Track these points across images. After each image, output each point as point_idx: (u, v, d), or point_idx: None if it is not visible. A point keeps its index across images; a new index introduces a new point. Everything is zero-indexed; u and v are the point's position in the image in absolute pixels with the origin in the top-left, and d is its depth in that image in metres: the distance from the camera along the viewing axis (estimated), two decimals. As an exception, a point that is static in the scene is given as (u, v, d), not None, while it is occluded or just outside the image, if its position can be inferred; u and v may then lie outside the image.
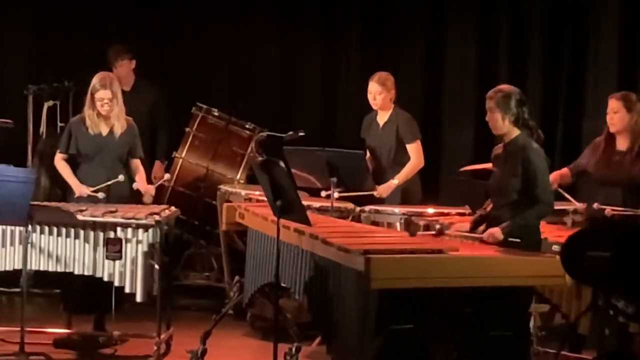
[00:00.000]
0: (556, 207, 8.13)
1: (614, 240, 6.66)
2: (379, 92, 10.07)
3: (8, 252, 8.64)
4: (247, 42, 11.63)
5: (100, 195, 9.18)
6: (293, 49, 11.84)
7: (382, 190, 9.89)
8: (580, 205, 9.06)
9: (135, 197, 9.42)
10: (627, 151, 8.80)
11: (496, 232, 7.46)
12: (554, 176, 8.88)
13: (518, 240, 7.44)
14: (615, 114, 8.82)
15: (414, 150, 10.09)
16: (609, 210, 8.48)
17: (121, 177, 9.33)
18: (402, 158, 10.07)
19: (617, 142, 8.85)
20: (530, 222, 7.63)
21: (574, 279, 7.21)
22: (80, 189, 9.26)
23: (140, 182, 9.49)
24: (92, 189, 9.22)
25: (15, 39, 11.81)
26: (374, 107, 10.15)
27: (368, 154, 10.07)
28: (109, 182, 9.23)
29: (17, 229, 8.46)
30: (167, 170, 10.40)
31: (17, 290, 9.03)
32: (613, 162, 8.85)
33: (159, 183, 9.89)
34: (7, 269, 8.74)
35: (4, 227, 8.50)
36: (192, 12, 11.77)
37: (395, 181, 9.96)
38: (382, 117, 10.16)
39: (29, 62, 11.45)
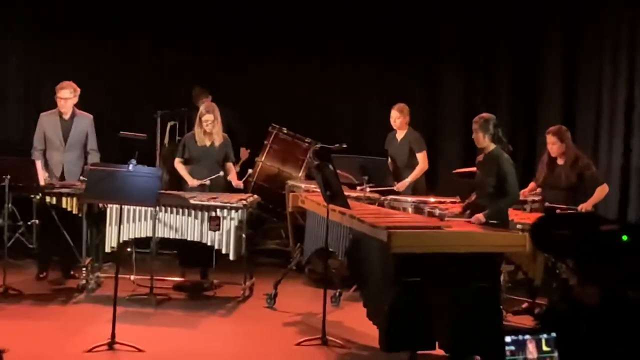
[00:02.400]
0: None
1: (571, 221, 6.63)
2: (398, 117, 10.05)
3: (142, 224, 8.67)
4: (305, 77, 11.54)
5: (207, 181, 9.22)
6: (332, 85, 11.73)
7: (399, 185, 9.88)
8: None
9: (229, 188, 9.43)
10: (564, 165, 8.76)
11: (480, 216, 7.45)
12: (528, 190, 8.95)
13: (495, 221, 7.44)
14: (553, 145, 8.78)
15: (422, 158, 10.07)
16: (557, 209, 8.45)
17: (221, 173, 9.36)
18: (413, 163, 10.03)
19: (557, 160, 8.82)
20: (502, 209, 7.62)
21: (540, 250, 7.18)
22: (192, 182, 9.29)
23: (232, 178, 9.51)
24: (199, 181, 9.27)
25: (146, 79, 11.78)
26: (394, 127, 10.11)
27: (389, 160, 10.05)
28: (211, 177, 9.25)
29: (149, 209, 8.49)
30: (249, 166, 10.37)
31: (148, 251, 9.06)
32: (555, 173, 8.81)
33: (245, 178, 9.89)
34: (142, 236, 8.76)
35: (140, 207, 8.53)
36: (256, 53, 11.68)
37: (408, 179, 9.93)
38: (400, 135, 10.12)
39: (157, 94, 11.45)
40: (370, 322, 7.24)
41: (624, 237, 5.35)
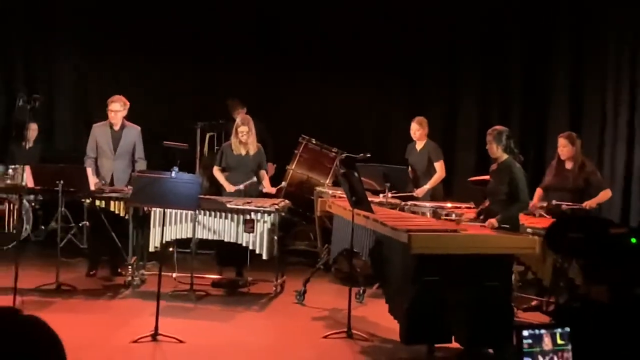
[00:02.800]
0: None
1: (583, 225, 6.63)
2: (417, 129, 10.04)
3: (183, 226, 8.69)
4: (333, 93, 11.57)
5: (241, 187, 9.24)
6: (358, 100, 11.77)
7: (418, 191, 9.84)
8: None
9: (262, 194, 9.45)
10: (572, 169, 8.74)
11: (494, 221, 7.41)
12: (535, 198, 8.89)
13: (507, 226, 7.42)
14: (564, 147, 8.78)
15: (439, 166, 10.05)
16: (564, 205, 8.44)
17: (254, 179, 9.37)
18: (431, 171, 10.01)
19: (565, 164, 8.80)
20: (513, 214, 7.59)
21: (553, 251, 7.14)
22: (229, 188, 9.31)
23: (266, 185, 9.53)
24: (235, 187, 9.30)
25: (188, 94, 11.84)
26: (414, 139, 10.10)
27: (409, 168, 10.03)
28: (245, 183, 9.28)
29: (190, 212, 8.52)
30: (279, 175, 10.41)
31: (188, 250, 9.09)
32: (563, 176, 8.79)
33: (279, 187, 9.91)
34: (183, 237, 8.79)
35: (181, 211, 8.56)
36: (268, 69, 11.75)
37: (427, 186, 9.90)
38: (419, 145, 10.10)
39: (198, 107, 11.49)
40: (392, 317, 7.22)
41: (633, 240, 5.35)
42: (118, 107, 9.32)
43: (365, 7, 11.46)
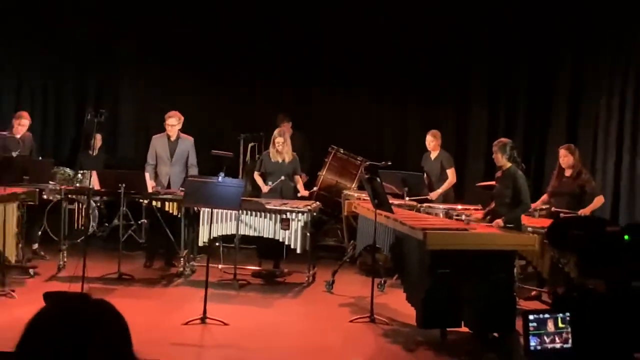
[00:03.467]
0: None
1: (583, 224, 6.62)
2: (432, 140, 10.00)
3: (228, 224, 8.71)
4: (358, 108, 11.58)
5: (271, 185, 9.26)
6: (380, 114, 11.76)
7: (433, 195, 9.80)
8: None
9: (296, 196, 9.45)
10: (570, 176, 8.69)
11: (499, 221, 7.40)
12: (540, 201, 8.85)
13: (511, 225, 7.40)
14: (565, 157, 8.72)
15: (451, 173, 9.99)
16: (562, 213, 8.37)
17: (283, 178, 9.32)
18: (444, 177, 9.96)
19: (565, 171, 8.75)
20: (517, 216, 7.55)
21: (554, 246, 7.13)
22: (264, 188, 9.35)
23: (300, 188, 9.53)
24: (268, 187, 9.30)
25: (233, 109, 11.87)
26: (429, 149, 10.06)
27: (425, 175, 10.00)
28: (275, 182, 9.28)
29: (234, 212, 8.55)
30: (310, 181, 10.42)
31: (232, 245, 9.08)
32: (563, 182, 8.74)
33: (311, 190, 9.93)
34: (227, 233, 8.80)
35: (226, 210, 8.58)
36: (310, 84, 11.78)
37: (439, 190, 9.86)
38: (434, 155, 10.05)
39: (241, 121, 11.52)
40: (409, 304, 7.23)
41: (626, 237, 5.32)
42: (174, 122, 9.39)
43: (389, 35, 11.43)
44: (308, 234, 8.78)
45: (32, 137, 9.73)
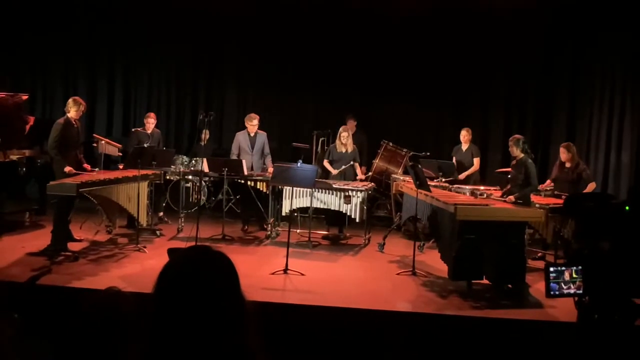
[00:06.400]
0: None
1: (593, 197, 6.59)
2: (465, 135, 9.87)
3: (304, 199, 8.68)
4: (405, 112, 11.46)
5: (339, 169, 9.24)
6: (422, 116, 11.56)
7: (461, 176, 9.70)
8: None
9: (356, 179, 9.43)
10: (570, 167, 8.49)
11: (512, 198, 7.34)
12: (546, 184, 8.67)
13: (521, 202, 7.29)
14: (564, 153, 8.51)
15: (476, 162, 9.84)
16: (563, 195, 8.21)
17: (351, 163, 9.36)
18: (471, 164, 9.87)
19: (565, 164, 8.55)
20: (527, 194, 7.44)
21: (569, 214, 7.04)
22: (333, 172, 9.34)
23: (359, 173, 9.51)
24: (336, 170, 9.32)
25: (307, 109, 11.85)
26: (462, 141, 9.94)
27: (455, 163, 9.90)
28: (344, 167, 9.29)
29: (309, 190, 8.54)
30: (368, 169, 10.35)
31: (307, 215, 9.12)
32: (563, 172, 8.54)
33: (366, 176, 9.91)
34: (304, 206, 8.79)
35: (303, 189, 8.56)
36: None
37: (467, 172, 9.77)
38: (464, 147, 9.92)
39: (314, 119, 11.51)
40: (443, 262, 7.20)
41: (627, 207, 5.26)
42: (254, 122, 9.40)
43: (429, 53, 11.29)
44: (365, 207, 8.75)
45: (160, 132, 9.91)
